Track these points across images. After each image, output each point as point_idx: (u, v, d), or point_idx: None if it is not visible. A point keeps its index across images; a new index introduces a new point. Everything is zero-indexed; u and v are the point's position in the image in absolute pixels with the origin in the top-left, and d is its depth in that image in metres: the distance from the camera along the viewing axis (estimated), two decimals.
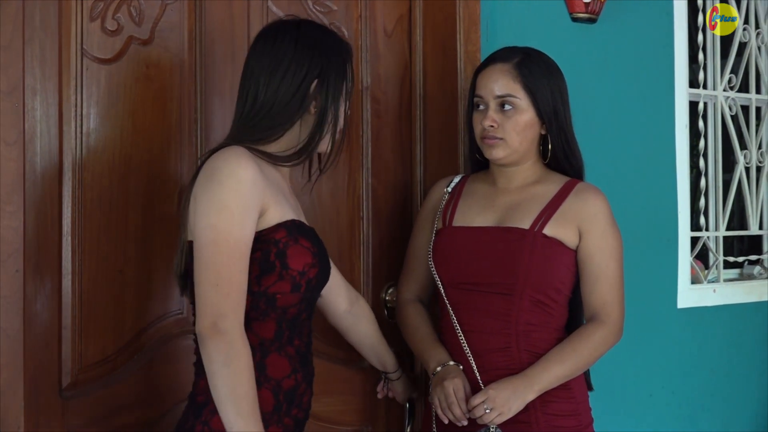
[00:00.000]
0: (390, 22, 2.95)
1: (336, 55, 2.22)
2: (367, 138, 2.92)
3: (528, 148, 2.52)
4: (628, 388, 3.31)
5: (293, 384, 2.12)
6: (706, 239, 3.72)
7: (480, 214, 2.55)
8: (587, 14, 3.15)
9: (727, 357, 3.64)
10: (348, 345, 2.87)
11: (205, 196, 2.02)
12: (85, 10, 2.48)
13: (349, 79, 2.25)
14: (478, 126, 2.52)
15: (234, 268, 1.99)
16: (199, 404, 2.05)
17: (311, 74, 2.16)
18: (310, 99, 2.17)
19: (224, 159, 2.05)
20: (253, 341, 2.05)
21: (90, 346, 2.48)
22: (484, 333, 2.45)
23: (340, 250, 2.86)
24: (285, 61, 2.16)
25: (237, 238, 2.00)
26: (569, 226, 2.47)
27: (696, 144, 3.76)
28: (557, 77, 2.55)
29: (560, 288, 2.48)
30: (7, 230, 2.26)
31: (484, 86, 2.51)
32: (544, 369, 2.39)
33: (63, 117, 2.44)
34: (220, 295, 1.97)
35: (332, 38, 2.26)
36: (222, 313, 1.97)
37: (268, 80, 2.15)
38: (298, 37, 2.19)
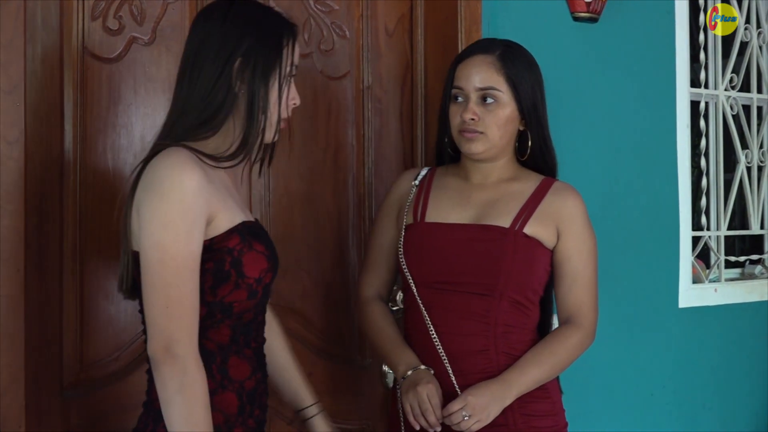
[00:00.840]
0: (391, 22, 2.95)
1: (269, 32, 2.05)
2: (369, 137, 2.92)
3: (506, 144, 2.44)
4: (629, 388, 3.30)
5: (254, 385, 2.05)
6: (707, 239, 3.71)
7: (454, 210, 2.45)
8: (588, 13, 3.15)
9: (729, 356, 3.63)
10: (349, 344, 2.87)
11: (149, 210, 1.90)
12: (86, 9, 2.48)
13: (285, 60, 2.06)
14: (457, 118, 2.42)
15: (184, 288, 1.90)
16: (158, 411, 1.95)
17: (235, 53, 1.99)
18: (234, 81, 2.00)
19: (167, 167, 1.91)
20: (211, 346, 1.98)
21: (91, 346, 2.48)
22: (461, 335, 2.37)
23: (342, 250, 2.86)
24: (209, 41, 2.01)
25: (185, 255, 1.90)
26: (548, 226, 2.40)
27: (697, 143, 3.75)
28: (537, 72, 2.47)
29: (537, 288, 2.43)
30: (8, 230, 2.26)
31: (465, 77, 2.42)
32: (521, 372, 2.33)
33: (64, 116, 2.44)
34: (172, 318, 1.88)
35: (268, 15, 2.09)
36: (175, 338, 1.88)
37: (193, 65, 2.01)
38: (226, 15, 2.03)
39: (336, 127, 2.87)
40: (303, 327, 2.80)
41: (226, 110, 2.01)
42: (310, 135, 2.82)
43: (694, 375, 3.52)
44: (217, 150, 2.02)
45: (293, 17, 2.15)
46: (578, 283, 2.43)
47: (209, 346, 1.98)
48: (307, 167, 2.80)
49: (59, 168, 2.43)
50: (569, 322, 2.43)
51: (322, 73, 2.84)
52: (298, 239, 2.80)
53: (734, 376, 3.65)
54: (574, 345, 2.41)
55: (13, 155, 2.26)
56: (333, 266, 2.86)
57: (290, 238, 2.78)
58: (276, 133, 2.11)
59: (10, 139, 2.26)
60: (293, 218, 2.79)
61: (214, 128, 2.02)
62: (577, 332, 2.42)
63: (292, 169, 2.78)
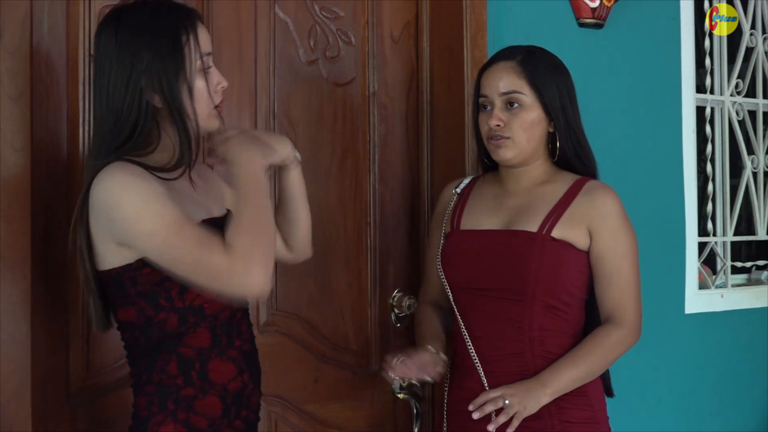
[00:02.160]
0: (397, 28, 2.95)
1: (163, 37, 1.97)
2: (374, 143, 2.92)
3: (536, 147, 2.45)
4: (635, 394, 3.30)
5: (240, 386, 2.05)
6: (713, 244, 3.71)
7: (488, 216, 2.49)
8: (594, 19, 3.15)
9: (735, 362, 3.63)
10: (355, 351, 2.87)
11: (119, 221, 1.91)
12: (92, 16, 2.48)
13: (189, 58, 1.99)
14: (484, 126, 2.45)
15: (199, 236, 1.89)
16: (143, 418, 1.99)
17: (135, 70, 1.95)
18: (145, 95, 1.96)
19: (106, 180, 1.91)
20: (190, 354, 1.98)
21: (97, 353, 2.48)
22: (496, 339, 2.40)
23: (347, 256, 2.86)
24: (107, 60, 1.97)
25: (176, 219, 1.89)
26: (579, 228, 2.40)
27: (703, 149, 3.75)
28: (563, 73, 2.49)
29: (573, 292, 2.42)
30: (15, 236, 2.26)
31: (488, 85, 2.45)
32: (556, 372, 2.34)
33: (71, 123, 2.45)
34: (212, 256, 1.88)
35: (159, 16, 2.00)
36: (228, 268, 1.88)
37: (100, 85, 1.98)
38: (117, 30, 1.97)
39: (342, 134, 2.87)
40: (309, 333, 2.79)
41: (147, 124, 1.98)
42: (316, 141, 2.82)
43: (701, 381, 3.52)
44: (161, 163, 2.01)
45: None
46: (614, 283, 2.42)
47: (187, 354, 1.99)
48: (312, 173, 2.80)
49: (66, 175, 2.43)
50: (610, 320, 2.42)
51: (328, 79, 2.85)
52: None
53: (741, 382, 3.64)
54: (613, 343, 2.40)
55: (19, 162, 2.26)
56: (339, 272, 2.86)
57: None
58: (217, 121, 2.08)
59: (17, 146, 2.26)
60: None
61: (145, 145, 2.00)
62: (616, 330, 2.40)
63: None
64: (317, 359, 2.80)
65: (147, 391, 1.99)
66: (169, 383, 1.98)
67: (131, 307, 1.98)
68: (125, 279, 1.96)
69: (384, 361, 2.45)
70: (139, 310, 1.97)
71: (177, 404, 1.98)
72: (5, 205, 2.24)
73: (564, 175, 2.50)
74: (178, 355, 1.98)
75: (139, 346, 2.00)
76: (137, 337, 2.00)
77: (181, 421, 1.97)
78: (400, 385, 2.81)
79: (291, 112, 2.78)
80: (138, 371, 2.02)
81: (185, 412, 1.98)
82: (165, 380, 1.98)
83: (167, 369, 1.98)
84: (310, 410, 2.77)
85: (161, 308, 1.96)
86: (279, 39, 2.76)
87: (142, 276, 1.95)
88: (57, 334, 2.40)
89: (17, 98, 2.26)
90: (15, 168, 2.25)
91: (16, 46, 2.27)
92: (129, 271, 1.96)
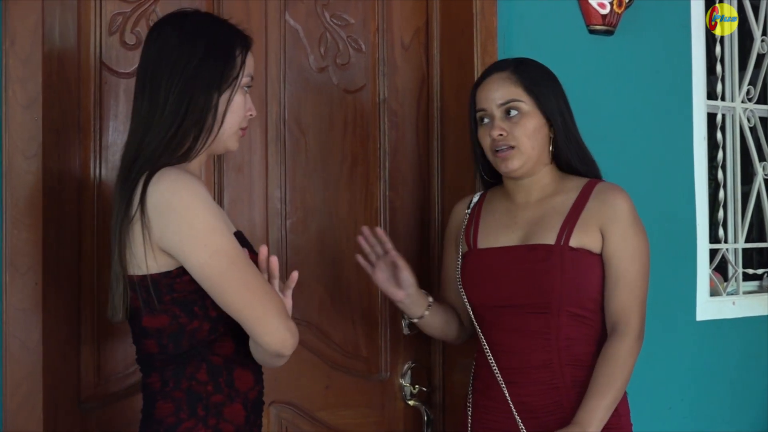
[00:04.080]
0: (407, 35, 2.96)
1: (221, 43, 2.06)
2: (385, 150, 2.92)
3: (540, 153, 2.45)
4: (646, 401, 3.29)
5: (256, 395, 2.09)
6: (725, 251, 3.70)
7: (503, 233, 2.48)
8: (604, 26, 3.15)
9: (747, 369, 3.61)
10: (366, 357, 2.87)
11: (179, 227, 1.92)
12: (104, 25, 2.50)
13: (238, 70, 2.07)
14: (486, 139, 2.44)
15: (258, 275, 1.97)
16: (170, 425, 1.99)
17: (189, 65, 2.01)
18: (190, 93, 2.01)
19: (172, 183, 1.93)
20: (217, 361, 2.01)
21: (108, 359, 2.49)
22: (522, 352, 2.39)
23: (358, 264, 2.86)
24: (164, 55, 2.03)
25: (238, 248, 1.96)
26: (592, 231, 2.40)
27: (714, 156, 3.74)
28: (554, 79, 2.50)
29: (597, 298, 2.42)
30: (26, 243, 2.26)
31: (485, 98, 2.45)
32: (590, 410, 2.31)
33: (82, 130, 2.45)
34: (272, 301, 1.96)
35: (221, 27, 2.11)
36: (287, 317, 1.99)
37: (151, 79, 2.02)
38: (181, 28, 2.05)
39: (352, 141, 2.87)
40: (320, 340, 2.80)
41: (189, 122, 2.01)
42: (327, 148, 2.82)
43: (712, 388, 3.50)
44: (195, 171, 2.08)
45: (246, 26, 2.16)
46: (620, 285, 2.41)
47: (216, 361, 2.01)
48: (323, 180, 2.81)
49: (77, 182, 2.44)
50: (614, 332, 2.40)
51: (338, 86, 2.85)
52: (315, 252, 2.80)
53: (752, 389, 3.63)
54: (625, 358, 2.38)
55: (31, 169, 2.27)
56: (350, 279, 2.86)
57: (306, 250, 2.78)
58: (237, 143, 2.14)
59: (28, 153, 2.27)
60: (309, 231, 2.79)
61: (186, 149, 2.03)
62: (622, 343, 2.38)
63: (309, 182, 2.79)
64: (328, 366, 2.81)
65: (175, 396, 1.99)
66: (199, 389, 1.99)
67: (163, 314, 1.98)
68: (162, 285, 1.97)
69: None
70: (172, 317, 1.98)
71: (207, 410, 1.99)
72: (17, 212, 2.25)
73: (571, 180, 2.50)
74: (208, 363, 2.00)
75: (166, 353, 2.00)
76: (165, 344, 2.00)
77: (211, 427, 1.99)
78: (411, 392, 2.82)
79: (301, 119, 2.78)
80: (163, 378, 2.01)
81: (215, 418, 1.99)
82: (195, 386, 1.99)
83: (197, 375, 1.99)
84: (321, 417, 2.78)
85: (195, 316, 1.98)
86: (289, 46, 2.77)
87: (182, 284, 1.96)
88: (68, 341, 2.41)
89: (29, 105, 2.27)
90: (26, 175, 2.26)
91: (28, 53, 2.28)
92: (168, 278, 1.96)
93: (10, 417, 2.24)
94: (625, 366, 2.38)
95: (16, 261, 2.25)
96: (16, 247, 2.26)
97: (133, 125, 2.06)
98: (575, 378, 2.38)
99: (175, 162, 2.01)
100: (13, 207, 2.25)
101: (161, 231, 1.93)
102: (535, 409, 2.39)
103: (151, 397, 2.04)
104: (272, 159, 2.73)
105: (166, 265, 1.96)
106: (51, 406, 2.32)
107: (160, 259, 1.96)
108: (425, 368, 2.92)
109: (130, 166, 2.01)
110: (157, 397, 2.02)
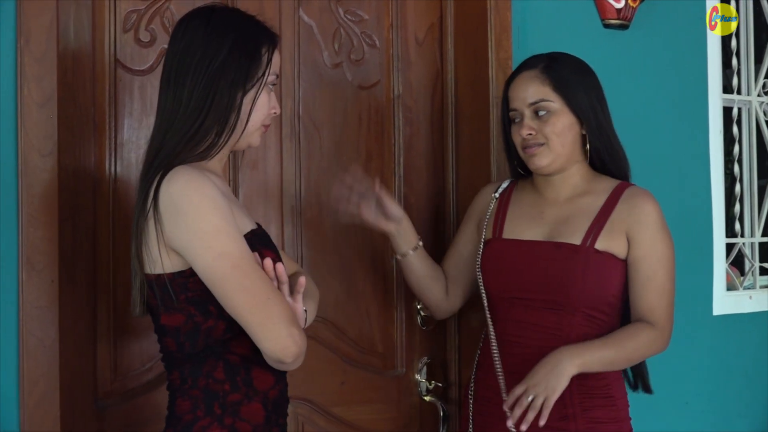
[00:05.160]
0: (421, 31, 2.96)
1: (248, 38, 2.05)
2: (399, 146, 2.92)
3: (570, 152, 2.45)
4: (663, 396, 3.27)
5: (277, 394, 2.07)
6: (741, 245, 3.69)
7: (529, 227, 2.48)
8: (619, 20, 3.14)
9: (764, 364, 3.60)
10: (382, 353, 2.87)
11: (189, 229, 1.91)
12: (118, 22, 2.50)
13: (264, 67, 2.06)
14: (518, 138, 2.46)
15: (265, 278, 1.95)
16: (187, 422, 1.99)
17: (215, 59, 2.00)
18: (216, 87, 2.01)
19: (181, 184, 1.92)
20: (234, 360, 2.00)
21: (125, 356, 2.50)
22: (534, 347, 2.38)
23: (373, 259, 2.87)
24: (191, 48, 2.01)
25: (247, 252, 1.94)
26: (619, 236, 2.40)
27: (730, 150, 3.73)
28: (589, 75, 2.50)
29: (612, 301, 2.42)
30: (42, 241, 2.27)
31: (515, 97, 2.46)
32: (588, 347, 2.31)
33: (97, 128, 2.46)
34: (277, 305, 1.93)
35: (248, 23, 2.09)
36: (293, 320, 1.94)
37: (177, 73, 2.02)
38: (208, 22, 2.04)
39: (366, 137, 2.87)
40: (335, 336, 2.80)
41: (211, 119, 2.00)
42: (341, 144, 2.82)
43: (729, 383, 3.49)
44: (215, 169, 2.08)
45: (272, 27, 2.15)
46: (648, 288, 2.40)
47: (232, 360, 2.00)
48: (337, 176, 2.81)
49: (92, 179, 2.45)
50: (641, 321, 2.39)
51: (353, 82, 2.85)
52: (330, 248, 2.80)
53: None
54: (644, 340, 2.37)
55: (46, 167, 2.28)
56: (365, 275, 2.86)
57: (321, 247, 2.78)
58: (259, 139, 2.14)
59: (44, 151, 2.28)
60: (324, 227, 2.79)
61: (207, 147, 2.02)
62: (647, 329, 2.38)
63: (323, 178, 2.79)
64: (343, 362, 2.81)
65: (192, 395, 2.00)
66: (216, 388, 1.99)
67: (178, 312, 1.98)
68: (176, 285, 1.97)
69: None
70: (187, 316, 1.98)
71: (223, 409, 1.98)
72: (33, 209, 2.26)
73: (602, 181, 2.50)
74: (225, 361, 2.00)
75: (183, 352, 2.00)
76: (182, 342, 2.00)
77: (227, 426, 1.98)
78: (427, 388, 2.82)
79: (316, 115, 2.78)
80: (182, 376, 2.01)
81: (231, 417, 1.99)
82: (212, 385, 1.99)
83: (214, 374, 1.99)
84: (337, 413, 2.78)
85: (210, 315, 1.97)
86: (303, 42, 2.77)
87: (195, 283, 1.95)
88: (85, 338, 2.42)
89: (44, 103, 2.28)
90: (42, 173, 2.27)
91: (43, 51, 2.28)
92: (181, 278, 1.96)
93: (28, 414, 2.25)
94: (641, 345, 2.37)
95: (32, 258, 2.26)
96: (33, 244, 2.26)
97: (158, 121, 2.05)
98: (579, 378, 2.34)
99: (195, 159, 2.01)
100: (29, 205, 2.26)
101: (171, 231, 1.93)
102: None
103: (172, 394, 2.04)
104: (287, 155, 2.73)
105: (179, 264, 1.96)
106: (68, 403, 2.33)
107: (173, 258, 1.96)
108: (441, 364, 2.92)
109: (150, 162, 2.01)
110: (177, 395, 2.02)
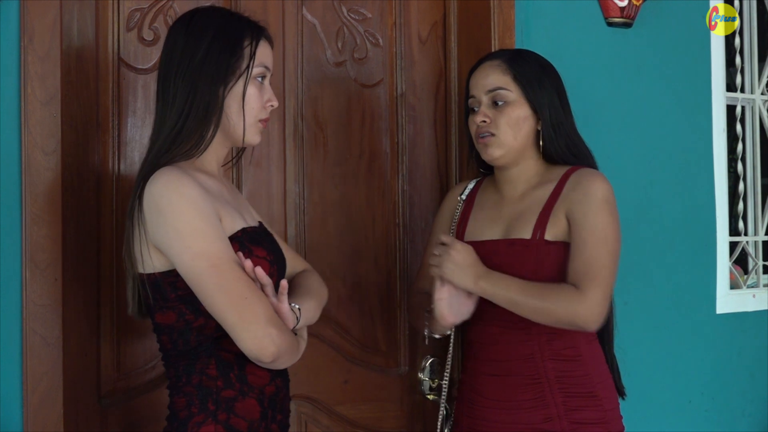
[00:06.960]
0: (424, 29, 2.95)
1: (229, 34, 2.06)
2: (403, 145, 2.92)
3: (523, 145, 2.42)
4: (666, 395, 3.28)
5: (275, 390, 2.08)
6: (745, 244, 3.68)
7: (488, 227, 2.47)
8: (622, 18, 3.13)
9: (767, 362, 3.60)
10: (385, 352, 2.87)
11: (167, 230, 1.92)
12: (122, 21, 2.51)
13: (248, 60, 2.06)
14: (473, 126, 2.45)
15: (244, 277, 1.94)
16: (183, 419, 2.00)
17: (195, 58, 2.02)
18: (201, 86, 2.02)
19: (161, 186, 1.93)
20: (227, 357, 2.00)
21: (128, 354, 2.50)
22: (505, 344, 2.39)
23: (376, 257, 2.87)
24: (175, 52, 2.05)
25: (226, 251, 1.94)
26: (562, 220, 2.35)
27: (734, 148, 3.72)
28: (550, 71, 2.47)
29: None
30: (46, 239, 2.28)
31: (475, 85, 2.45)
32: (500, 278, 2.30)
33: (100, 126, 2.46)
34: (255, 304, 1.93)
35: (230, 19, 2.10)
36: (270, 318, 1.94)
37: (165, 78, 2.05)
38: (189, 24, 2.06)
39: (370, 135, 2.87)
40: (338, 335, 2.80)
41: (194, 117, 2.01)
42: (344, 143, 2.82)
43: (732, 381, 3.49)
44: (206, 167, 2.08)
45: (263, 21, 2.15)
46: (575, 256, 2.30)
47: (225, 357, 2.00)
48: (341, 175, 2.81)
49: (96, 178, 2.45)
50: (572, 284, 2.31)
51: (356, 81, 2.85)
52: (333, 247, 2.80)
53: None
54: (560, 299, 2.27)
55: (50, 165, 2.28)
56: (368, 273, 2.86)
57: (325, 245, 2.78)
58: (260, 136, 2.14)
59: (48, 149, 2.28)
60: (327, 225, 2.80)
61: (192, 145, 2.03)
62: (570, 291, 2.27)
63: (327, 177, 2.79)
64: (347, 360, 2.81)
65: (186, 391, 2.00)
66: (209, 384, 1.99)
67: (170, 311, 1.99)
68: (165, 284, 1.97)
69: None
70: (179, 314, 1.99)
71: (217, 405, 1.99)
72: (36, 208, 2.26)
73: (555, 170, 2.46)
74: (218, 358, 2.00)
75: (177, 349, 2.01)
76: (175, 339, 2.01)
77: (221, 422, 1.98)
78: (430, 386, 2.82)
79: (319, 113, 2.78)
80: (177, 373, 2.03)
81: (225, 413, 1.99)
82: (205, 381, 1.99)
83: (207, 371, 2.00)
84: (340, 411, 2.78)
85: (200, 313, 1.98)
86: (307, 41, 2.77)
87: (183, 282, 1.96)
88: (88, 336, 2.42)
89: (47, 102, 2.28)
90: (46, 171, 2.27)
91: (46, 50, 2.29)
92: (170, 277, 1.97)
93: (32, 412, 2.26)
94: (554, 299, 2.28)
95: (35, 257, 2.27)
96: (36, 243, 2.27)
97: (154, 122, 2.08)
98: (558, 372, 2.35)
99: (183, 158, 2.02)
100: (33, 203, 2.26)
101: (153, 231, 1.95)
102: (517, 402, 2.37)
103: (170, 391, 2.06)
104: (290, 154, 2.74)
105: (167, 263, 1.97)
106: (72, 401, 2.33)
107: (158, 258, 1.97)
108: (444, 362, 2.91)
109: (143, 163, 2.04)
110: (174, 392, 2.04)
